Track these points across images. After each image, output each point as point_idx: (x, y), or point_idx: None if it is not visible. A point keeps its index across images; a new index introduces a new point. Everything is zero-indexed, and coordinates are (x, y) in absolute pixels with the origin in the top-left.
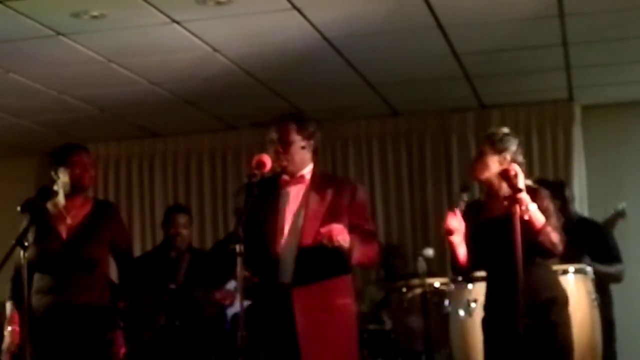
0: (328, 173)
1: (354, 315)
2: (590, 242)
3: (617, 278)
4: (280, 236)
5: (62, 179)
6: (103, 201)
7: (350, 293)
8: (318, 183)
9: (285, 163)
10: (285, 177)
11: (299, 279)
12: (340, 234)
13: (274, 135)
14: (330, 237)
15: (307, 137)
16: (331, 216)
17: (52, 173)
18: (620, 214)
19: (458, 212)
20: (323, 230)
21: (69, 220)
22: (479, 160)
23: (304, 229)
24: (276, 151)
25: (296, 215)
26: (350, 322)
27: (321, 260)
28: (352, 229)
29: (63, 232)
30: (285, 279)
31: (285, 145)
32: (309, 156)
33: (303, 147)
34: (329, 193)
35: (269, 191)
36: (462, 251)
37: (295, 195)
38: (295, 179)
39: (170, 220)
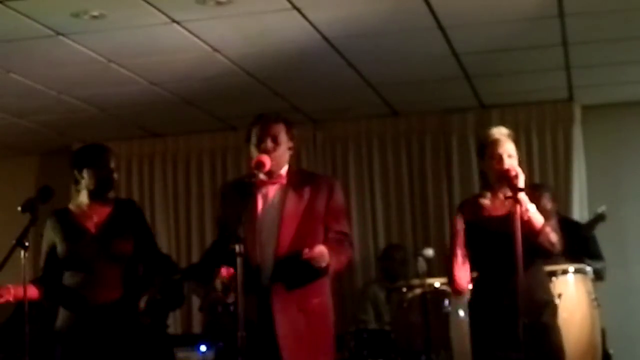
0: (305, 170)
1: (329, 312)
2: (574, 240)
3: (600, 275)
4: (258, 239)
5: (87, 179)
6: (124, 199)
7: (326, 291)
8: (295, 181)
9: (272, 162)
10: (263, 177)
11: (277, 278)
12: (322, 259)
13: (261, 134)
14: (312, 260)
15: (292, 139)
16: (308, 218)
17: (76, 172)
18: (600, 217)
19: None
20: (306, 254)
21: (95, 218)
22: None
23: (281, 232)
24: (264, 150)
25: (273, 215)
26: (326, 320)
27: (298, 266)
28: (326, 233)
29: (91, 228)
30: (264, 282)
31: (275, 145)
32: (288, 157)
33: (289, 149)
34: (307, 192)
35: (246, 192)
36: (462, 275)
37: (272, 195)
38: (273, 178)
39: None
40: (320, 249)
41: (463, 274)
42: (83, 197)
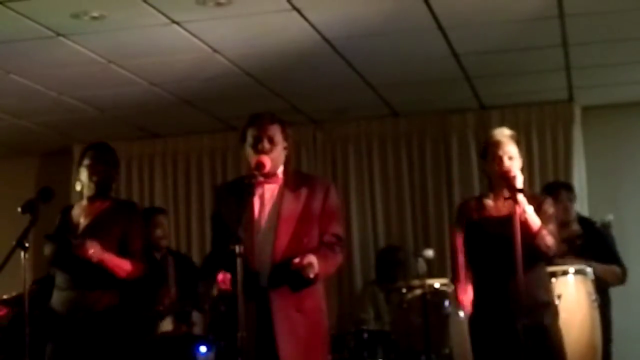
0: (301, 171)
1: (324, 316)
2: (592, 242)
3: (619, 278)
4: (256, 241)
5: (82, 179)
6: (124, 200)
7: (319, 295)
8: (291, 182)
9: (269, 163)
10: (260, 178)
11: (274, 283)
12: (310, 269)
13: (258, 135)
14: (301, 270)
15: (287, 139)
16: (304, 220)
17: (77, 172)
18: (606, 226)
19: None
20: (296, 263)
21: (82, 219)
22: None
23: (278, 234)
24: (261, 151)
25: (270, 216)
26: (322, 323)
27: (291, 274)
28: (320, 235)
29: (77, 228)
30: (262, 282)
31: (272, 145)
32: (284, 157)
33: (285, 148)
34: (303, 193)
35: (244, 193)
36: (466, 298)
37: (270, 195)
38: (270, 178)
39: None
40: (310, 260)
41: (467, 296)
42: (83, 197)
